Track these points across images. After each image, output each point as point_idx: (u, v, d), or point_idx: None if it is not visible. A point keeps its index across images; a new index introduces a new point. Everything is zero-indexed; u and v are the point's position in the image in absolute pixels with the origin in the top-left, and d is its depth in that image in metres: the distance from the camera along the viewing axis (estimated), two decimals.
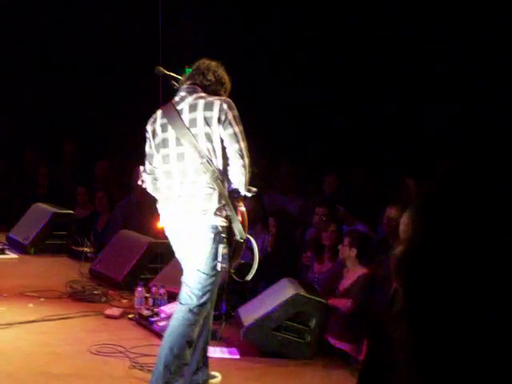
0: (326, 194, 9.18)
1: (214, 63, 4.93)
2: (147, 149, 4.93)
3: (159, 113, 4.87)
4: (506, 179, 1.07)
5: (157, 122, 4.84)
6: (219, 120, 4.62)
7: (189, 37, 11.83)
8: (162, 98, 5.28)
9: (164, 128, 4.79)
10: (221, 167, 4.66)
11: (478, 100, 8.82)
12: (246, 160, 4.69)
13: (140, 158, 5.16)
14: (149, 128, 4.88)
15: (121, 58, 13.02)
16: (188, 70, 5.26)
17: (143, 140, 5.02)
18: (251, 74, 10.79)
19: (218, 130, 4.63)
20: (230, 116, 4.64)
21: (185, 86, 4.84)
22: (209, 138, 4.63)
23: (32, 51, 13.54)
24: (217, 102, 4.66)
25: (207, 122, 4.64)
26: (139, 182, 5.06)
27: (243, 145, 4.68)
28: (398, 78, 10.44)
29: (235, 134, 4.65)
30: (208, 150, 4.63)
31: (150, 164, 4.90)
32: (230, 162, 4.68)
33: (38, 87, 13.78)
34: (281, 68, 11.99)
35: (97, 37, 13.17)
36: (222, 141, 4.65)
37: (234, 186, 4.72)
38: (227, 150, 4.66)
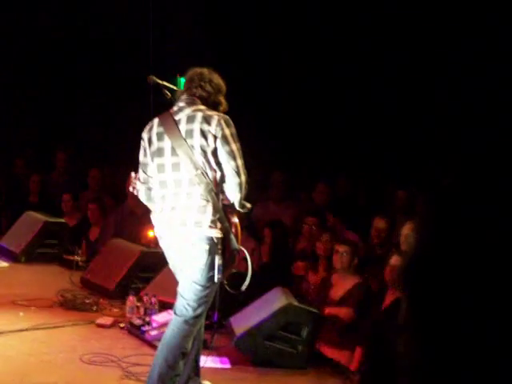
0: (316, 203, 9.18)
1: (206, 71, 4.93)
2: (141, 157, 4.92)
3: (156, 121, 4.86)
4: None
5: (153, 130, 4.83)
6: (215, 135, 4.62)
7: (180, 45, 11.84)
8: (154, 107, 5.27)
9: (160, 137, 4.78)
10: (215, 180, 4.66)
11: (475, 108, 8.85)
12: (243, 177, 4.70)
13: (132, 166, 5.15)
14: (145, 136, 4.88)
15: (112, 68, 13.01)
16: (180, 79, 5.27)
17: (136, 148, 5.02)
18: (242, 81, 10.82)
19: (213, 145, 4.63)
20: (228, 133, 4.65)
21: (184, 97, 4.84)
22: (204, 150, 4.63)
23: (23, 60, 13.53)
24: (215, 117, 4.67)
25: (204, 134, 4.64)
26: (130, 189, 5.05)
27: (240, 162, 4.69)
28: (391, 87, 10.48)
29: (232, 151, 4.65)
30: (203, 162, 4.64)
31: (145, 173, 4.90)
32: (226, 179, 4.69)
33: (30, 95, 13.77)
34: (272, 75, 12.01)
35: (87, 46, 13.17)
36: (216, 155, 4.66)
37: (229, 201, 4.73)
38: (224, 167, 4.68)
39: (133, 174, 5.01)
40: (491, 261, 1.05)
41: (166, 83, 5.13)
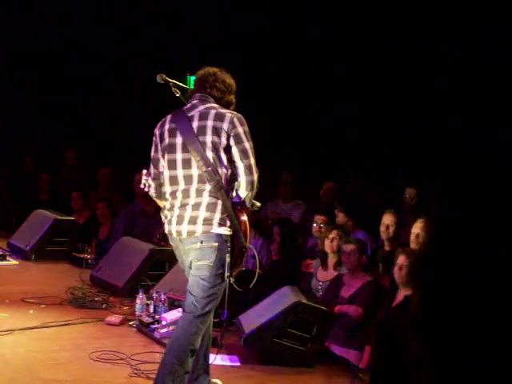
0: (323, 201, 9.18)
1: (219, 71, 4.94)
2: (153, 153, 4.93)
3: (168, 117, 4.88)
4: None
5: (165, 126, 4.84)
6: (228, 133, 4.63)
7: (190, 44, 11.85)
8: (164, 105, 5.27)
9: (172, 133, 4.78)
10: (225, 177, 4.66)
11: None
12: (255, 176, 4.71)
13: (143, 164, 5.16)
14: (157, 131, 4.89)
15: (122, 67, 13.03)
16: (190, 78, 5.28)
17: (147, 147, 5.02)
18: (251, 80, 10.81)
19: (225, 142, 4.63)
20: (241, 131, 4.66)
21: (197, 95, 4.85)
22: (215, 147, 4.63)
23: (34, 58, 13.56)
24: (228, 115, 4.69)
25: (216, 131, 4.64)
26: (141, 186, 5.06)
27: (252, 161, 4.70)
28: (398, 89, 10.46)
29: (245, 149, 4.66)
30: (213, 159, 4.63)
31: (156, 168, 4.91)
32: (237, 177, 4.69)
33: (39, 93, 13.81)
34: (279, 75, 12.01)
35: (97, 45, 13.20)
36: (228, 152, 4.66)
37: (239, 199, 4.72)
38: (236, 165, 4.68)
39: (144, 171, 5.02)
40: (502, 257, 1.05)
41: (175, 81, 5.13)
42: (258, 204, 4.92)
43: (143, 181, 5.02)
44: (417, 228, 6.66)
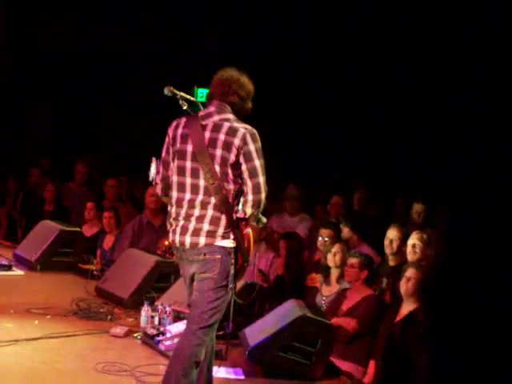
0: (331, 215, 9.18)
1: (241, 77, 4.84)
2: (164, 153, 4.87)
3: (183, 121, 4.80)
4: None
5: (179, 129, 4.77)
6: (239, 149, 4.58)
7: (197, 57, 11.89)
8: (171, 117, 5.28)
9: (184, 139, 4.73)
10: (232, 192, 4.63)
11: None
12: (262, 195, 4.66)
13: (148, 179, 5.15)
14: (170, 133, 4.82)
15: (130, 79, 13.09)
16: (197, 90, 5.28)
17: (156, 152, 4.99)
18: (256, 93, 10.82)
19: (234, 158, 4.58)
20: (252, 148, 4.60)
21: (216, 102, 4.76)
22: (224, 162, 4.60)
23: (41, 70, 13.63)
24: (241, 131, 4.62)
25: (227, 146, 4.59)
26: (150, 178, 5.04)
27: (261, 179, 4.64)
28: (405, 102, 10.48)
29: (255, 168, 4.61)
30: (221, 173, 4.60)
31: (165, 170, 4.86)
32: (245, 194, 4.65)
33: (46, 106, 13.87)
34: (287, 87, 12.04)
35: (106, 57, 13.26)
36: (236, 168, 4.62)
37: (245, 214, 4.70)
38: (245, 182, 4.63)
39: (154, 160, 4.98)
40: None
41: (183, 94, 5.14)
42: (264, 220, 4.91)
43: (152, 171, 4.98)
44: (413, 239, 6.93)
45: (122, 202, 10.66)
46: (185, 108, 5.09)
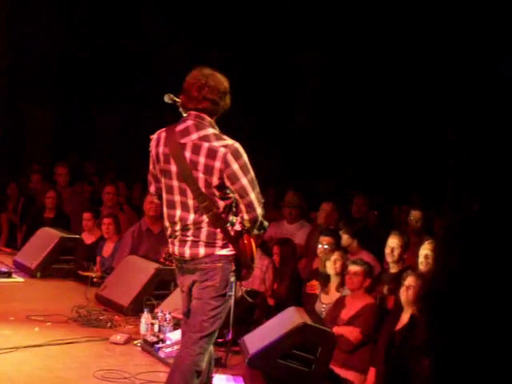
0: (324, 222, 9.14)
1: (210, 79, 4.61)
2: (151, 167, 4.81)
3: (163, 137, 4.68)
4: None
5: (160, 148, 4.68)
6: (221, 172, 4.45)
7: (196, 63, 11.90)
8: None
9: (166, 159, 4.64)
10: (224, 207, 4.57)
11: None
12: (257, 211, 4.56)
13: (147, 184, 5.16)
14: (152, 150, 4.73)
15: (130, 85, 13.10)
16: None
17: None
18: (254, 100, 10.85)
19: (217, 182, 4.49)
20: (236, 168, 4.46)
21: (192, 114, 4.64)
22: (208, 185, 4.51)
23: (41, 75, 13.65)
24: (221, 151, 4.46)
25: (208, 170, 4.48)
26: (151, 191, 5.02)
27: (253, 196, 4.51)
28: (406, 107, 10.51)
29: (243, 187, 4.50)
30: (209, 194, 4.53)
31: (157, 182, 4.81)
32: (241, 213, 4.58)
33: (47, 111, 13.88)
34: (284, 94, 12.05)
35: (105, 63, 13.28)
36: (223, 188, 4.52)
37: (243, 226, 4.65)
38: (237, 202, 4.57)
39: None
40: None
41: None
42: (266, 224, 4.86)
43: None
44: (425, 249, 6.61)
45: (120, 208, 10.67)
46: (185, 115, 5.09)
